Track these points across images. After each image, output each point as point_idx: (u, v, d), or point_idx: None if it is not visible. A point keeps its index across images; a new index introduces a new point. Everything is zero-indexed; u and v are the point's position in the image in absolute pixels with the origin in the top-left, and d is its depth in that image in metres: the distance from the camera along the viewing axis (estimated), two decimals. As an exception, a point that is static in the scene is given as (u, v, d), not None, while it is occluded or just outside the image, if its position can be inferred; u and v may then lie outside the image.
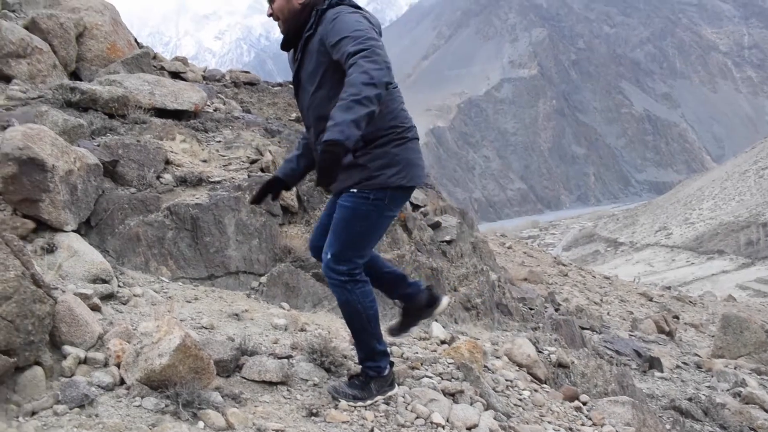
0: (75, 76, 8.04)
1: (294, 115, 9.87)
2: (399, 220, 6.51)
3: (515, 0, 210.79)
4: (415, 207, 8.78)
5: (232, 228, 5.18)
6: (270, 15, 3.23)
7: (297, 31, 3.17)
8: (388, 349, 3.54)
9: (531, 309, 9.05)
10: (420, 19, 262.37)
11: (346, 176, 3.08)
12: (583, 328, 10.28)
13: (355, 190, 3.12)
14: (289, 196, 5.79)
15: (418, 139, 3.30)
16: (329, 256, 3.18)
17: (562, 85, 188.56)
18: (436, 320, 6.06)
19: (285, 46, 3.27)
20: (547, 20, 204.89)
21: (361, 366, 3.45)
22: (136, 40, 9.72)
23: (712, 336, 13.07)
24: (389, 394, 3.43)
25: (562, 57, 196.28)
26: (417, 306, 3.70)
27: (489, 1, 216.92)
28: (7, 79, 6.99)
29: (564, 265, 25.09)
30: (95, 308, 3.72)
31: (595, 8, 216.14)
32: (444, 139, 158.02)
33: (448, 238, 8.71)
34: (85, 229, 4.71)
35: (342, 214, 3.16)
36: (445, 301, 3.78)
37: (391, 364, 3.49)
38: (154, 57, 9.37)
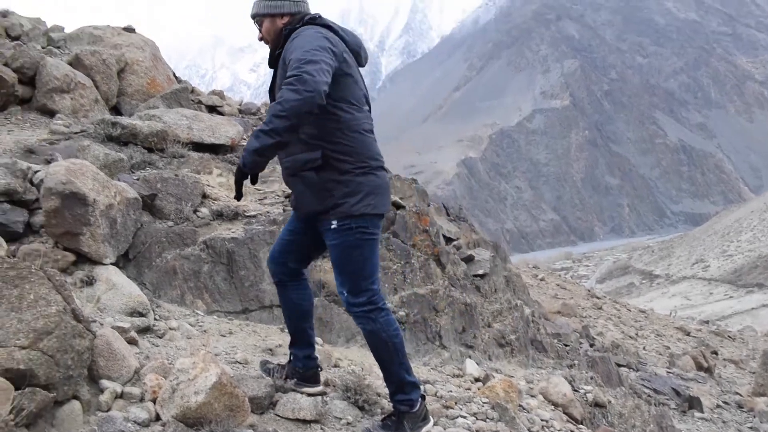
0: (116, 110, 8.25)
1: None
2: (432, 255, 6.48)
3: (547, 32, 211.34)
4: (448, 240, 8.74)
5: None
6: (260, 39, 3.38)
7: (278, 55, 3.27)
8: (419, 382, 3.50)
9: (566, 345, 8.89)
10: (451, 51, 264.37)
11: (312, 200, 3.20)
12: (619, 365, 10.05)
13: (334, 225, 3.16)
14: (323, 230, 5.81)
15: (383, 168, 3.33)
16: (346, 294, 3.26)
17: (594, 116, 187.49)
18: (470, 357, 5.99)
19: (270, 63, 3.37)
20: (579, 51, 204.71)
21: (392, 402, 3.42)
22: (174, 75, 9.95)
23: (753, 373, 12.68)
24: (423, 430, 3.38)
25: (594, 87, 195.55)
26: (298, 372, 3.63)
27: (520, 33, 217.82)
28: (51, 113, 7.21)
29: (598, 297, 24.65)
30: (132, 342, 3.76)
31: (628, 39, 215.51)
32: (476, 169, 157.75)
33: (481, 271, 8.63)
34: (123, 261, 4.78)
35: (337, 253, 3.24)
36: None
37: (423, 397, 3.45)
38: (192, 91, 9.56)
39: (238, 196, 3.17)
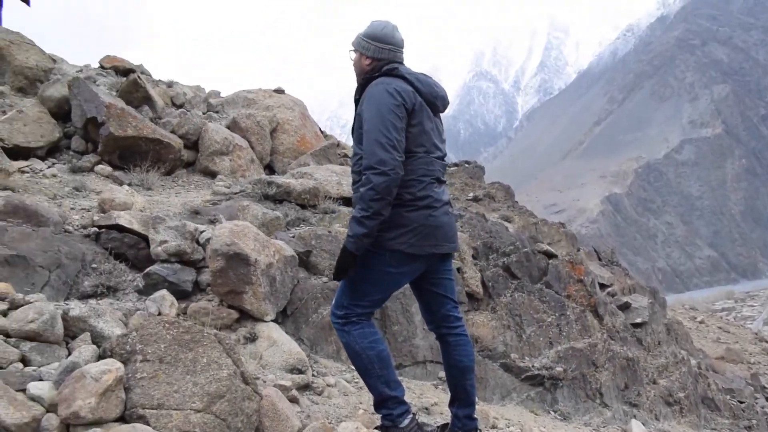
0: (269, 168, 8.71)
1: (471, 194, 9.90)
2: (589, 306, 6.16)
3: (692, 58, 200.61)
4: (602, 286, 8.32)
5: (420, 317, 5.17)
6: (353, 66, 3.59)
7: (361, 88, 3.47)
8: (405, 398, 3.47)
9: (741, 402, 8.07)
10: (590, 85, 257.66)
11: None
12: (804, 423, 8.97)
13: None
14: (474, 282, 5.71)
15: (437, 208, 3.33)
16: (333, 303, 3.48)
17: (751, 143, 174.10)
18: (635, 416, 5.57)
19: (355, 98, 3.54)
20: (729, 75, 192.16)
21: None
22: (321, 130, 10.37)
23: None
24: None
25: (749, 113, 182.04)
26: None
27: (663, 62, 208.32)
28: (213, 174, 7.72)
29: (767, 341, 22.41)
30: (294, 400, 3.83)
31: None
32: (621, 206, 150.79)
33: (639, 320, 8.12)
34: (281, 317, 4.94)
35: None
36: None
37: (413, 415, 3.43)
38: (337, 145, 9.91)
39: (341, 277, 3.32)
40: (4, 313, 3.73)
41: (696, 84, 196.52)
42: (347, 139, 11.66)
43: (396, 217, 3.25)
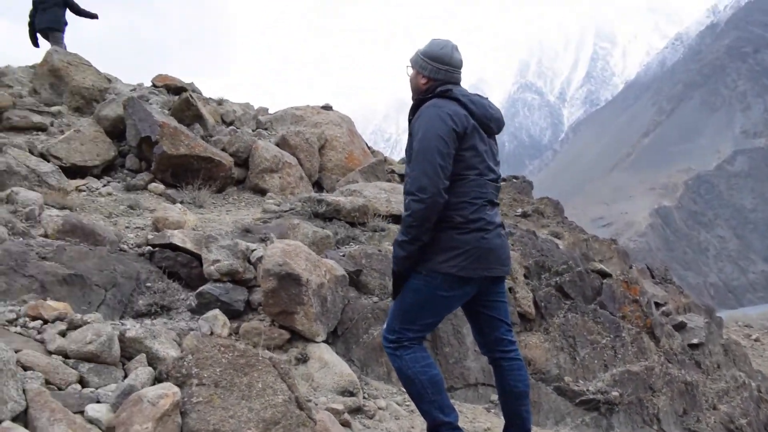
0: (317, 185, 8.75)
1: (520, 210, 9.77)
2: (645, 327, 5.99)
3: (744, 66, 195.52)
4: (656, 305, 8.09)
5: (471, 338, 5.09)
6: (409, 82, 3.57)
7: (415, 108, 3.45)
8: (459, 423, 3.37)
9: (807, 427, 7.71)
10: (637, 95, 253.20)
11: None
12: None
13: (418, 272, 3.29)
14: (526, 303, 5.60)
15: (490, 230, 3.28)
16: (384, 326, 3.44)
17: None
18: (697, 443, 5.38)
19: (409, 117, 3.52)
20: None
21: None
22: (368, 147, 10.39)
23: None
24: None
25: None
26: None
27: (713, 71, 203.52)
28: (263, 192, 7.78)
29: (828, 361, 21.46)
30: (346, 424, 3.80)
31: None
32: (671, 219, 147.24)
33: (695, 340, 7.86)
34: (332, 338, 4.91)
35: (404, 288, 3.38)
36: None
37: None
38: (384, 160, 9.90)
39: (396, 295, 3.38)
40: (63, 334, 3.80)
41: (748, 93, 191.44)
42: (390, 152, 11.64)
43: (448, 240, 3.21)
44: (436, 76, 3.43)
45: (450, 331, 5.02)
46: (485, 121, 3.39)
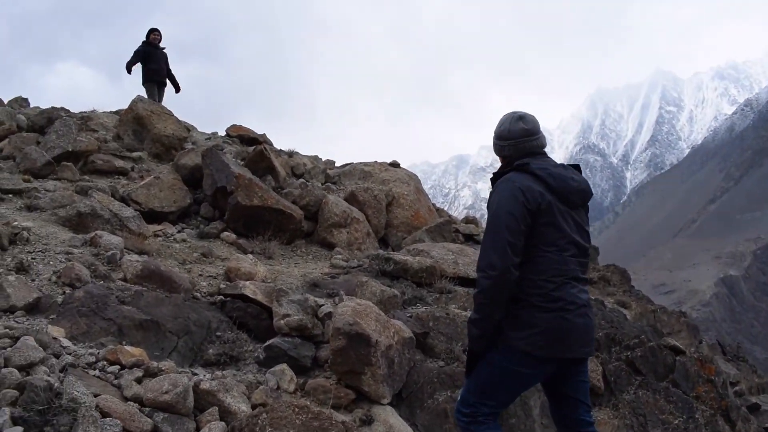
0: (383, 241, 8.80)
1: (586, 277, 9.58)
2: (720, 409, 5.72)
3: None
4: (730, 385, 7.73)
5: (537, 410, 4.97)
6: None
7: (493, 182, 3.47)
8: None
9: None
10: (704, 161, 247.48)
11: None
12: None
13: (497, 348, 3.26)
14: (595, 377, 5.44)
15: (571, 310, 3.15)
16: (458, 399, 3.39)
17: None
18: None
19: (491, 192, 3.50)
20: None
21: None
22: (434, 206, 10.44)
23: None
24: None
25: None
26: None
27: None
28: (330, 246, 7.88)
29: None
30: (411, 493, 3.72)
31: None
32: (737, 289, 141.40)
33: (772, 425, 7.46)
34: (396, 400, 4.86)
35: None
36: None
37: None
38: (450, 220, 9.91)
39: (470, 374, 3.35)
40: (139, 380, 3.89)
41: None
42: (448, 208, 11.64)
43: (526, 317, 3.15)
44: (503, 153, 3.47)
45: (517, 402, 4.90)
46: (564, 194, 3.29)
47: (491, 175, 3.55)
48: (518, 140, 3.41)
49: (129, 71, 11.87)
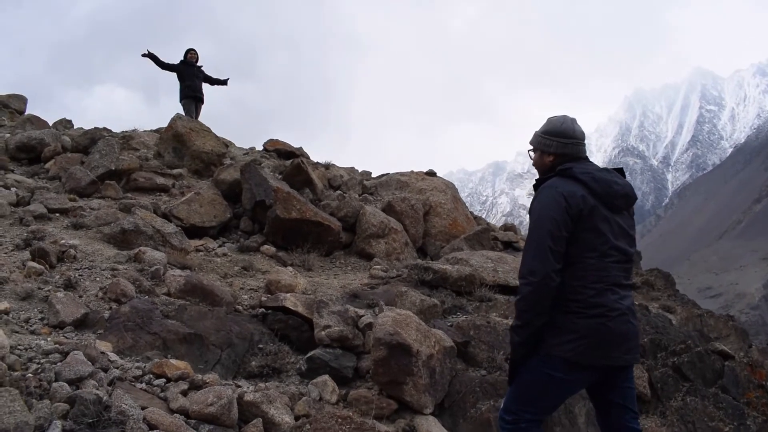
0: (421, 250, 8.80)
1: (629, 282, 9.41)
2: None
3: None
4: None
5: (583, 418, 4.89)
6: (534, 165, 3.54)
7: (536, 187, 3.41)
8: None
9: None
10: (748, 159, 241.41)
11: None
12: None
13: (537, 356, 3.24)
14: (641, 383, 5.34)
15: (612, 317, 3.10)
16: (502, 407, 3.35)
17: None
18: None
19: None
20: None
21: None
22: (472, 213, 10.39)
23: None
24: None
25: None
26: None
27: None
28: (368, 256, 7.90)
29: None
30: (456, 503, 3.70)
31: None
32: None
33: (829, 432, 7.20)
34: (438, 410, 4.84)
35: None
36: None
37: None
38: (488, 228, 9.85)
39: (512, 380, 3.34)
40: (184, 393, 3.95)
41: None
42: (486, 215, 11.57)
43: (566, 323, 3.12)
44: (563, 150, 3.38)
45: (561, 410, 4.84)
46: (609, 198, 3.25)
47: (533, 182, 3.52)
48: (568, 140, 3.39)
49: (157, 63, 12.33)
